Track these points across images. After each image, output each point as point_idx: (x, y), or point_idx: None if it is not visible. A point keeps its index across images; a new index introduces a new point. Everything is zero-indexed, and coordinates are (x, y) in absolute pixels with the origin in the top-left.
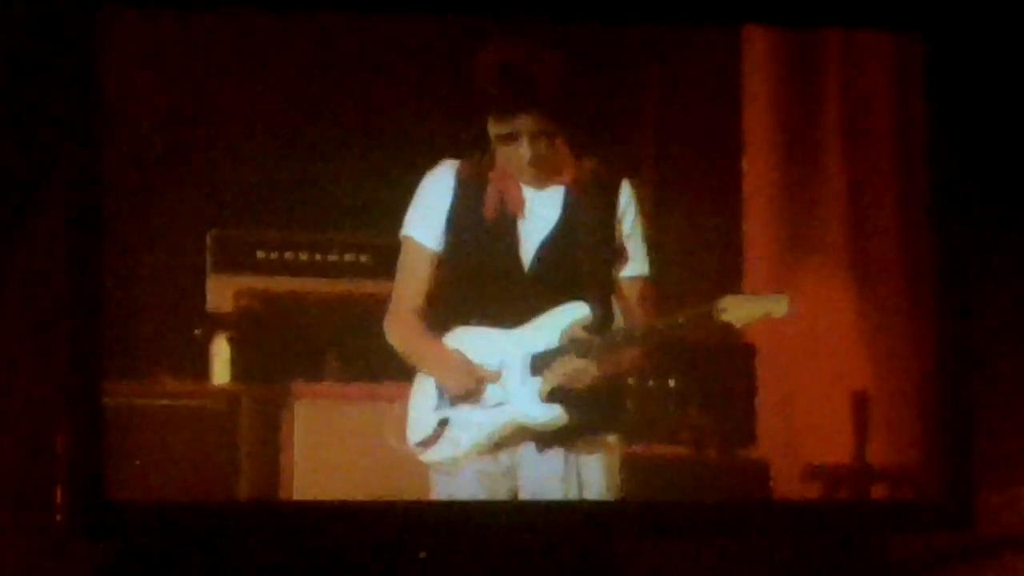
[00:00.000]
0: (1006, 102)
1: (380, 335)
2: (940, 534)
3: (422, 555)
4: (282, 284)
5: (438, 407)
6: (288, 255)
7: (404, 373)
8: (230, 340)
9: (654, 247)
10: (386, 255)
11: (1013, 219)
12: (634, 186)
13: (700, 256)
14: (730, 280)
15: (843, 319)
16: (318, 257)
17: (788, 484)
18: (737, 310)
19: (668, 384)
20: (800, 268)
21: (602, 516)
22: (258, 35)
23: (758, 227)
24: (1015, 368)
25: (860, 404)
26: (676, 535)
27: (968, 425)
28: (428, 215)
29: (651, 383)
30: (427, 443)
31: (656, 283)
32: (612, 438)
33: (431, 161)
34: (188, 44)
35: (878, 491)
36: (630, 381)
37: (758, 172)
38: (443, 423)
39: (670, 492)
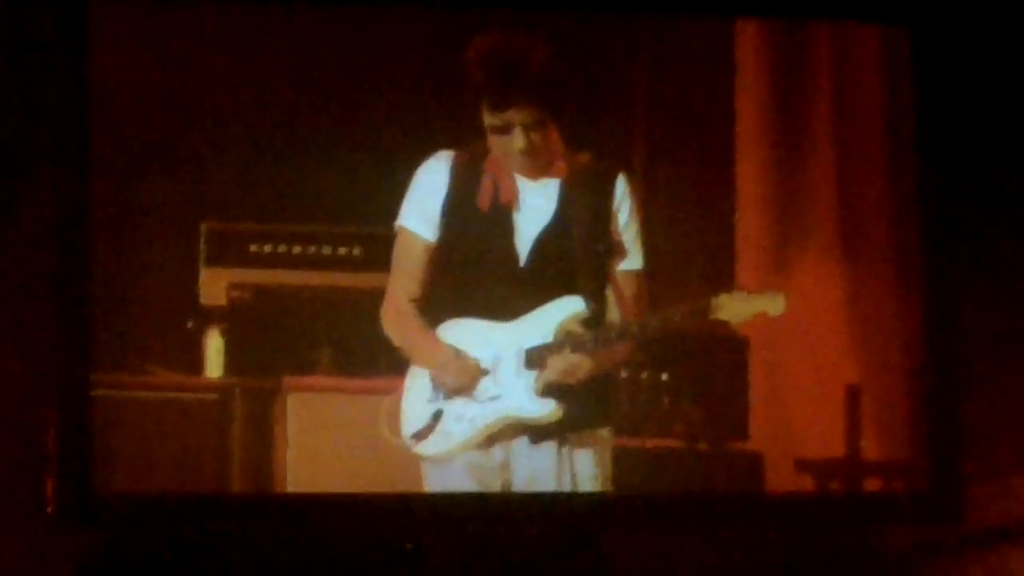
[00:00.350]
0: (995, 96)
1: (373, 328)
2: (930, 526)
3: (408, 546)
4: (275, 277)
5: (432, 400)
6: (281, 248)
7: (397, 366)
8: (223, 333)
9: (647, 240)
10: (379, 248)
11: (1002, 213)
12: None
13: (692, 249)
14: (722, 274)
15: (835, 313)
16: (311, 250)
17: (780, 477)
18: (733, 307)
19: (661, 377)
20: (792, 261)
21: (594, 509)
22: (250, 26)
23: (750, 220)
24: (1004, 361)
25: (852, 397)
26: (668, 528)
27: (958, 418)
28: (423, 205)
29: (644, 376)
30: (421, 435)
31: (651, 277)
32: (605, 431)
33: (424, 153)
34: (180, 35)
35: (869, 484)
36: (623, 374)
37: (750, 165)
38: (437, 416)
39: (663, 485)
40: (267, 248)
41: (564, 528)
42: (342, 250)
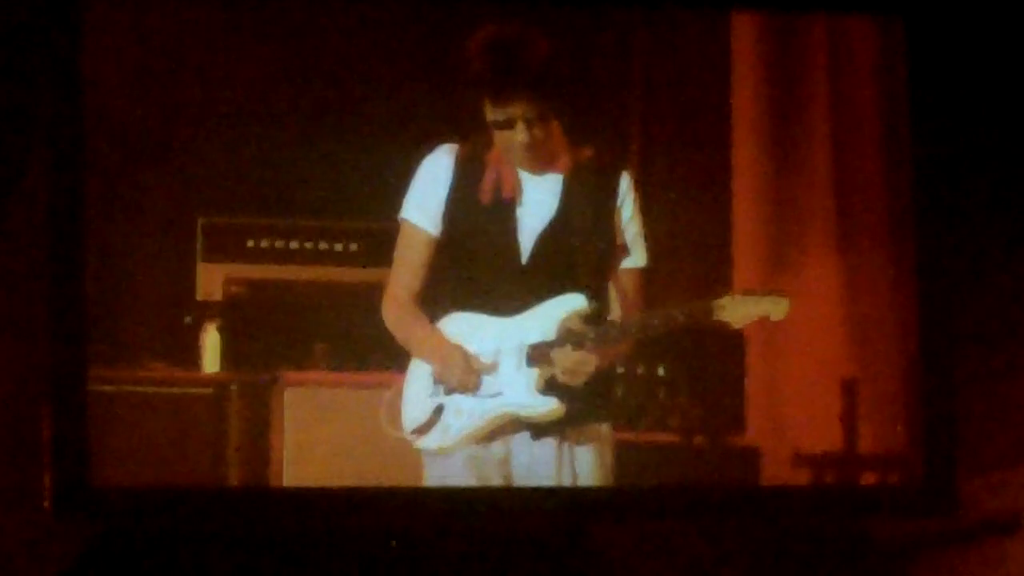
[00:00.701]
0: (990, 87)
1: (370, 323)
2: (926, 519)
3: (392, 543)
4: (272, 272)
5: (433, 393)
6: (278, 243)
7: (394, 360)
8: (220, 327)
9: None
10: (376, 243)
11: (997, 208)
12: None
13: (688, 245)
14: (719, 269)
15: (831, 307)
16: (308, 245)
17: (776, 470)
18: (736, 309)
19: (658, 371)
20: (789, 256)
21: (591, 502)
22: (246, 19)
23: (747, 216)
24: (998, 357)
25: (847, 391)
26: (665, 521)
27: (952, 412)
28: (426, 198)
29: (640, 370)
30: (422, 429)
31: (652, 274)
32: (605, 426)
33: (422, 147)
34: (176, 27)
35: (865, 477)
36: (620, 369)
37: (746, 161)
38: (438, 410)
39: (659, 478)
40: (264, 243)
41: (560, 521)
42: (339, 245)
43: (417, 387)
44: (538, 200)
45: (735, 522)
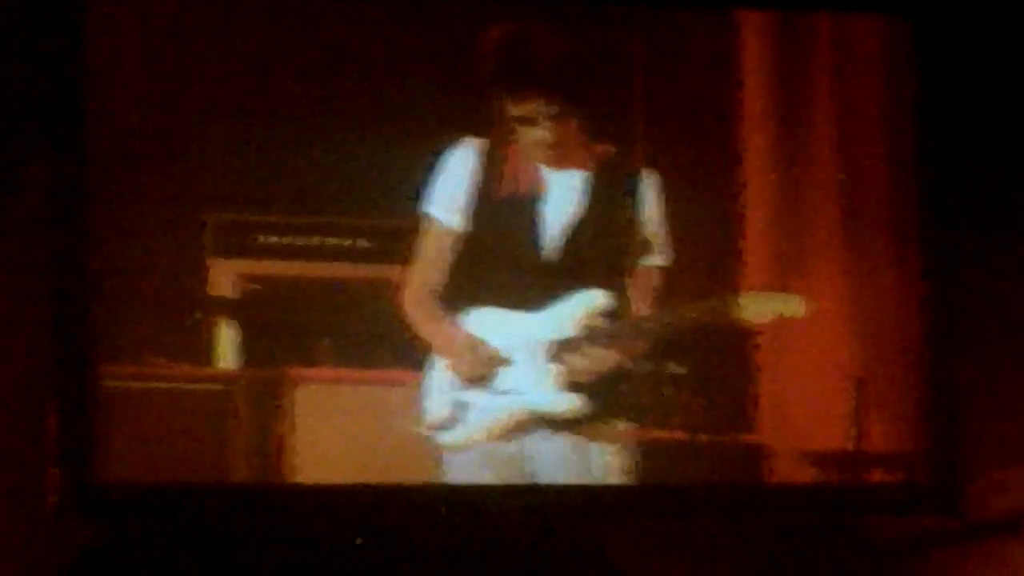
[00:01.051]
0: (997, 88)
1: (379, 319)
2: (930, 518)
3: (359, 541)
4: (282, 268)
5: (453, 389)
6: (288, 239)
7: (405, 357)
8: (230, 324)
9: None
10: (387, 239)
11: (1001, 208)
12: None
13: (697, 247)
14: (728, 271)
15: (837, 307)
16: (318, 241)
17: (783, 468)
18: (753, 307)
19: (667, 369)
20: (796, 257)
21: (598, 499)
22: (256, 13)
23: (755, 217)
24: (1003, 355)
25: (853, 390)
26: (672, 518)
27: (956, 411)
28: (449, 193)
29: (649, 367)
30: (441, 425)
31: (669, 272)
32: (623, 424)
33: (434, 144)
34: (184, 23)
35: (871, 475)
36: (630, 365)
37: (754, 163)
38: (459, 406)
39: (666, 475)
40: (274, 239)
41: (567, 518)
42: (349, 241)
43: (438, 382)
44: (560, 197)
45: (741, 518)
